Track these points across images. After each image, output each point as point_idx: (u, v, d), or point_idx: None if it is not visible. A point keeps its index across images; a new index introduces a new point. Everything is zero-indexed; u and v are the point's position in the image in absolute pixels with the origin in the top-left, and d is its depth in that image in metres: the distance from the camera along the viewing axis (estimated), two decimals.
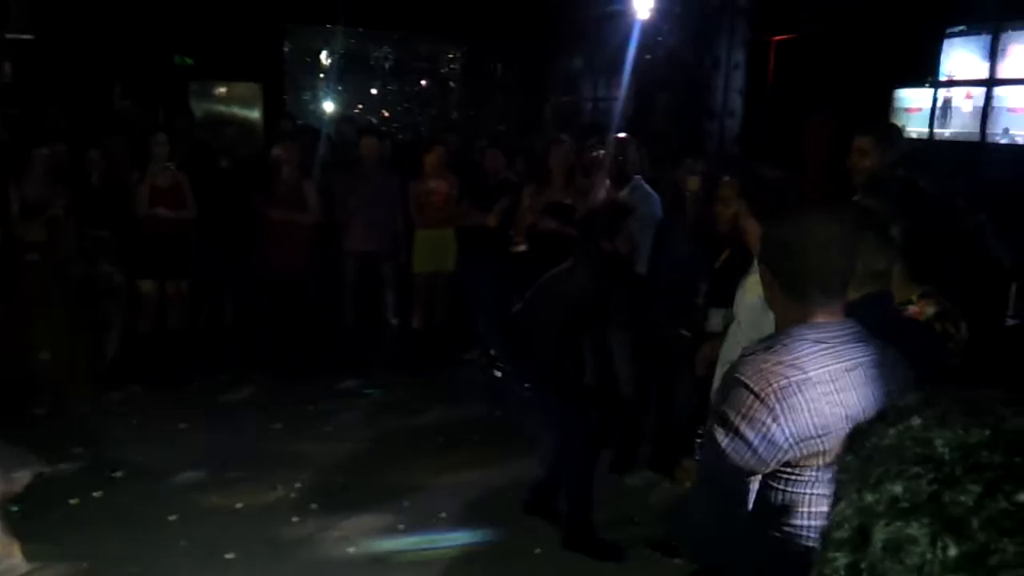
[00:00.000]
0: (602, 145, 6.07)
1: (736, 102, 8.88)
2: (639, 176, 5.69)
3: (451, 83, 16.91)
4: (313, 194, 6.64)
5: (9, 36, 9.78)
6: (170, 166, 6.40)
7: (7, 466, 3.85)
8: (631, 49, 9.17)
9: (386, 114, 17.24)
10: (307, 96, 16.22)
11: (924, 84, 6.90)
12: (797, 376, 1.77)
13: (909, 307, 2.67)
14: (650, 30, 9.24)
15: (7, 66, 9.96)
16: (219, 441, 5.41)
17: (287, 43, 13.77)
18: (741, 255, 3.59)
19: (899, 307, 2.61)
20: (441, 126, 13.52)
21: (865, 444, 0.71)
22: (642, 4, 8.88)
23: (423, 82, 17.37)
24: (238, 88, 11.87)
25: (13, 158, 6.06)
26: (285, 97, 13.31)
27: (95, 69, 10.00)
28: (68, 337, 5.89)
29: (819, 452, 1.77)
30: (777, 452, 1.78)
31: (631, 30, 9.10)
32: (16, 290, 5.76)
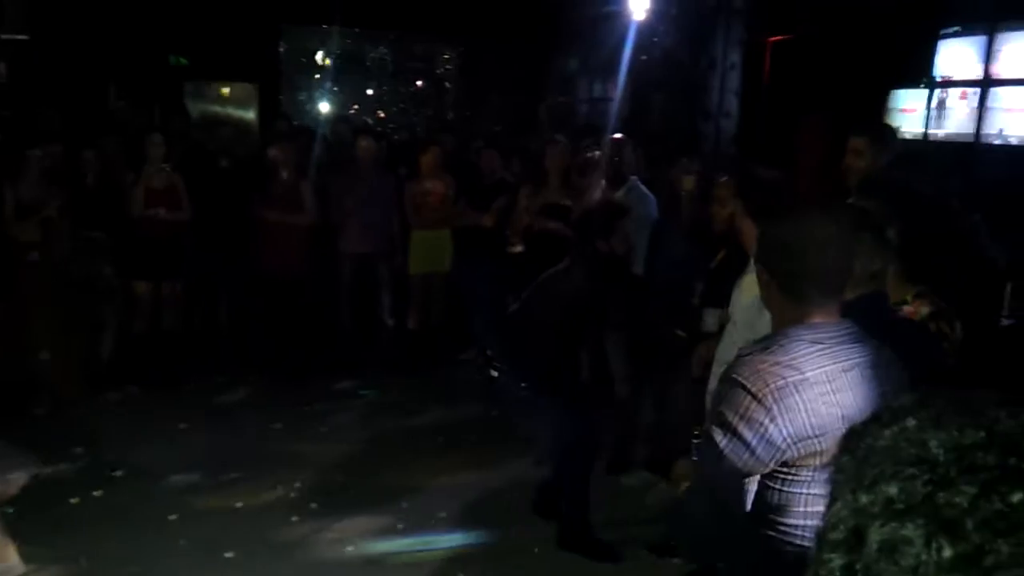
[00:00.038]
0: (598, 146, 6.08)
1: (732, 103, 8.88)
2: (635, 177, 5.69)
3: (447, 83, 16.91)
4: (309, 195, 6.63)
5: (4, 37, 9.77)
6: (165, 167, 6.38)
7: (2, 467, 3.83)
8: (627, 50, 9.18)
9: (382, 114, 17.24)
10: (303, 96, 16.21)
11: (919, 85, 6.90)
12: (794, 376, 1.78)
13: (904, 307, 2.67)
14: (646, 31, 9.25)
15: (2, 67, 9.95)
16: (216, 442, 5.40)
17: (283, 43, 13.78)
18: (737, 255, 3.59)
19: (894, 307, 2.62)
20: (437, 126, 13.53)
21: (860, 445, 0.71)
22: (638, 5, 8.88)
23: (419, 82, 17.37)
24: (233, 88, 11.87)
25: (8, 159, 6.03)
26: (281, 97, 13.31)
27: (90, 70, 9.98)
28: (63, 338, 5.88)
29: (816, 452, 1.77)
30: (775, 452, 1.78)
31: (627, 31, 9.11)
32: (11, 291, 5.75)
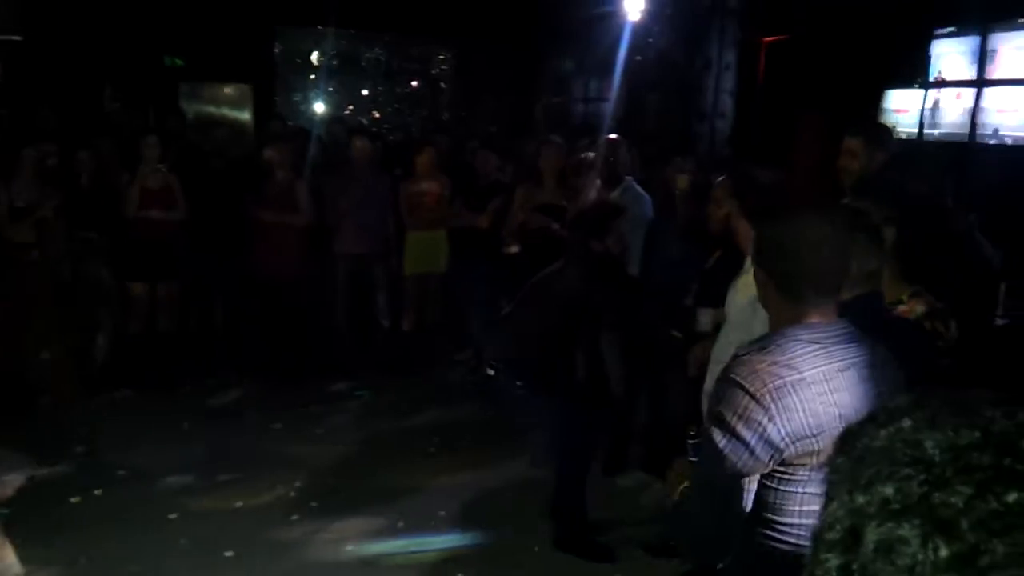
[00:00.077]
0: (593, 146, 6.08)
1: (727, 103, 8.89)
2: (630, 177, 5.69)
3: (442, 84, 16.88)
4: (305, 196, 6.62)
5: None
6: (161, 168, 6.38)
7: None
8: (622, 50, 9.18)
9: (377, 115, 17.20)
10: (298, 97, 16.18)
11: (914, 85, 6.91)
12: (791, 376, 1.78)
13: (899, 307, 2.68)
14: (641, 31, 9.25)
15: None
16: (212, 443, 5.38)
17: (278, 44, 13.74)
18: (732, 256, 3.59)
19: (889, 306, 2.63)
20: (432, 127, 13.51)
21: (856, 446, 0.71)
22: (633, 5, 8.89)
23: (414, 83, 17.34)
24: (229, 89, 11.85)
25: (2, 159, 6.03)
26: (276, 98, 13.28)
27: (85, 70, 9.96)
28: (58, 339, 5.86)
29: (813, 452, 1.78)
30: (773, 452, 1.78)
31: (622, 31, 9.11)
32: (6, 292, 5.74)
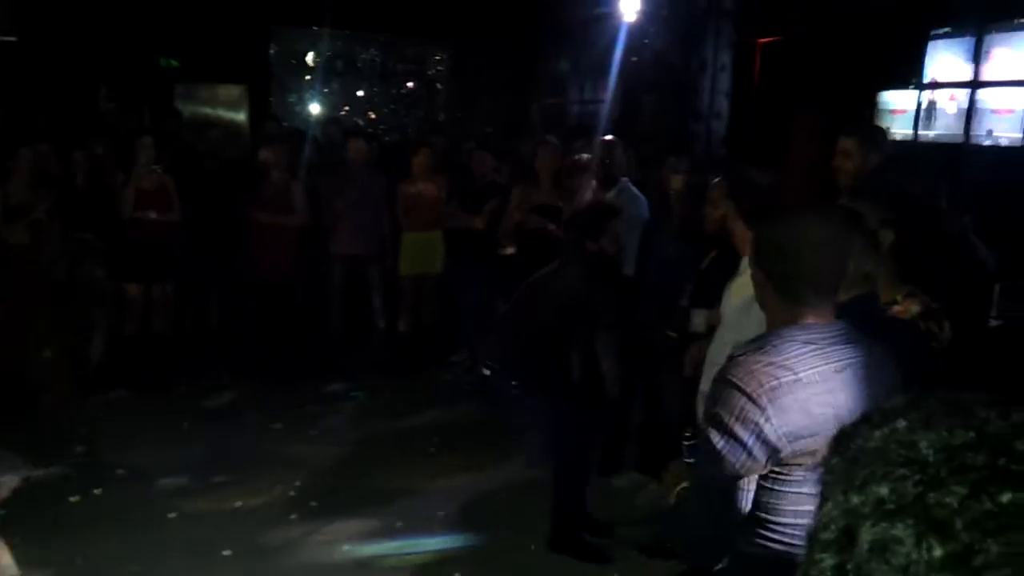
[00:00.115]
0: (589, 147, 6.08)
1: (722, 104, 8.89)
2: (626, 178, 5.70)
3: (438, 85, 16.86)
4: (300, 197, 6.62)
5: None
6: (156, 168, 6.37)
7: None
8: (618, 51, 9.19)
9: (373, 116, 17.18)
10: (293, 98, 16.14)
11: (909, 86, 6.92)
12: (787, 377, 1.79)
13: (894, 307, 2.69)
14: (637, 32, 9.26)
15: None
16: (208, 444, 5.38)
17: (273, 45, 13.71)
18: (727, 256, 3.60)
19: (884, 307, 2.63)
20: (428, 128, 13.50)
21: (850, 446, 0.71)
22: (629, 6, 8.90)
23: (410, 84, 17.33)
24: (224, 90, 11.83)
25: None
26: (271, 99, 13.26)
27: (80, 71, 9.94)
28: (54, 340, 5.85)
29: (809, 452, 1.78)
30: (771, 452, 1.79)
31: (618, 32, 9.12)
32: (3, 293, 5.72)
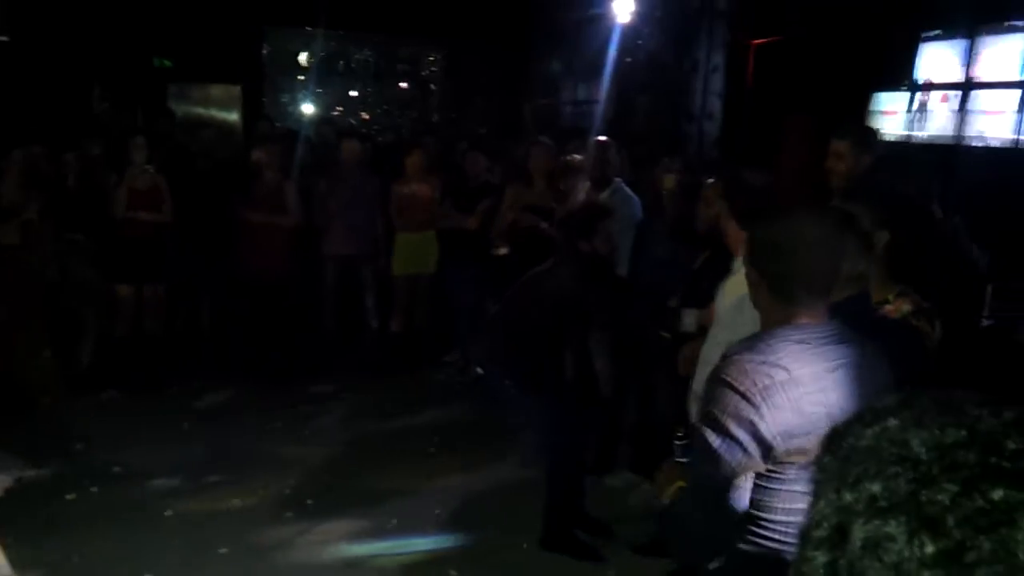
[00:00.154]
0: (582, 148, 6.08)
1: (715, 105, 8.90)
2: (619, 179, 5.70)
3: (431, 86, 16.86)
4: (293, 197, 6.61)
5: None
6: (149, 168, 6.35)
7: None
8: (611, 52, 9.20)
9: (366, 116, 17.16)
10: (286, 98, 16.12)
11: (901, 88, 6.94)
12: (781, 376, 1.80)
13: (885, 306, 2.70)
14: (630, 33, 9.26)
15: None
16: (200, 444, 5.37)
17: (266, 45, 13.70)
18: (720, 257, 3.60)
19: (876, 306, 2.64)
20: (421, 129, 13.50)
21: (843, 445, 0.72)
22: (622, 8, 8.90)
23: (403, 85, 17.31)
24: (217, 90, 11.81)
25: None
26: (264, 99, 13.25)
27: (73, 71, 9.91)
28: (45, 341, 5.83)
29: (802, 450, 1.79)
30: (766, 450, 1.80)
31: (611, 33, 9.13)
32: None
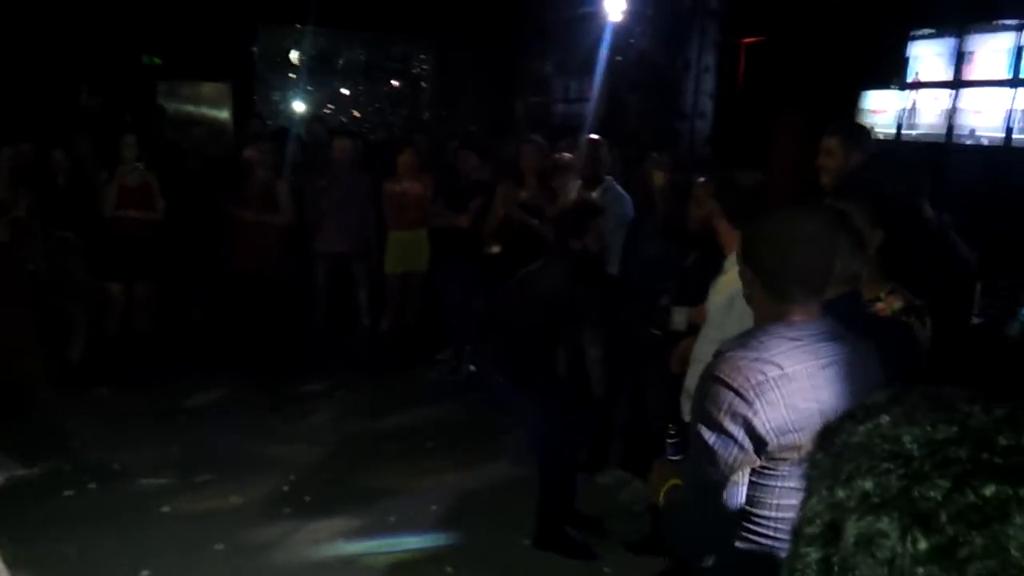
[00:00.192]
0: (574, 146, 6.09)
1: (707, 104, 8.92)
2: (611, 177, 5.71)
3: (423, 84, 16.82)
4: (285, 195, 6.60)
5: None
6: (139, 166, 6.33)
7: None
8: (602, 51, 9.20)
9: (357, 114, 17.13)
10: (277, 96, 16.07)
11: (891, 86, 6.96)
12: (774, 372, 1.81)
13: (877, 304, 2.71)
14: (621, 32, 9.27)
15: None
16: (192, 442, 5.35)
17: (257, 43, 13.65)
18: (711, 255, 3.61)
19: (867, 304, 2.65)
20: (413, 127, 13.47)
21: (835, 441, 0.72)
22: (614, 6, 8.90)
23: (394, 83, 17.28)
24: (207, 88, 11.76)
25: None
26: (255, 97, 13.20)
27: (62, 69, 9.86)
28: (34, 339, 5.80)
29: (795, 447, 1.80)
30: (760, 446, 1.80)
31: (603, 32, 9.13)
32: None
